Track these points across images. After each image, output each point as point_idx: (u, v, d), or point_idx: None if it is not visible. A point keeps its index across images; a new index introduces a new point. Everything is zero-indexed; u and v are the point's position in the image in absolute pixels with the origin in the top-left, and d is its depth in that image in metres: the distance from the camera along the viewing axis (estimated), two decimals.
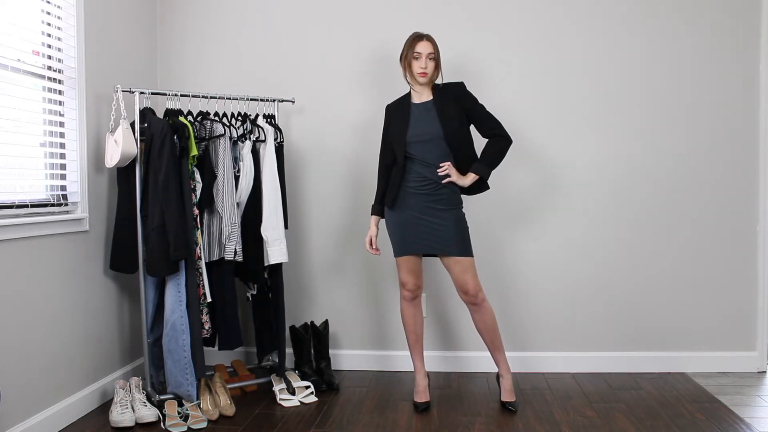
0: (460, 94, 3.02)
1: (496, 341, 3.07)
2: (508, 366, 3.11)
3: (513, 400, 3.06)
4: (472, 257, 3.00)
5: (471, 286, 2.97)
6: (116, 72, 3.29)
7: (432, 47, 2.98)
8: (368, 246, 3.16)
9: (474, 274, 2.99)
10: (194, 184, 3.08)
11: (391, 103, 3.18)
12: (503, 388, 3.09)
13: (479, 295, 2.99)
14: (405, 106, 3.07)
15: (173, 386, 3.04)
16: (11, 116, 2.64)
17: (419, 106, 3.03)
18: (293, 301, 3.73)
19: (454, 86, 3.05)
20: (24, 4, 2.72)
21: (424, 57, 2.96)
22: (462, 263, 2.97)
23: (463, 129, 3.00)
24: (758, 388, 3.35)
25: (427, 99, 3.03)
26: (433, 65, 2.98)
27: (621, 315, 3.65)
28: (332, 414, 3.03)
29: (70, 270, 2.92)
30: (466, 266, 2.97)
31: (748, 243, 3.61)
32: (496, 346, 3.08)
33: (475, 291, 2.98)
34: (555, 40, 3.62)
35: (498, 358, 3.10)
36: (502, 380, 3.11)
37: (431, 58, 2.97)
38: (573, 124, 3.63)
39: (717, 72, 3.58)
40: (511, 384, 3.09)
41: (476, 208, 3.59)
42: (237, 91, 3.46)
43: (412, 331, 3.14)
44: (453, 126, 2.95)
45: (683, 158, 3.61)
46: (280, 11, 3.73)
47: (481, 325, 3.05)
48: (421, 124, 2.99)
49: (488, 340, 3.07)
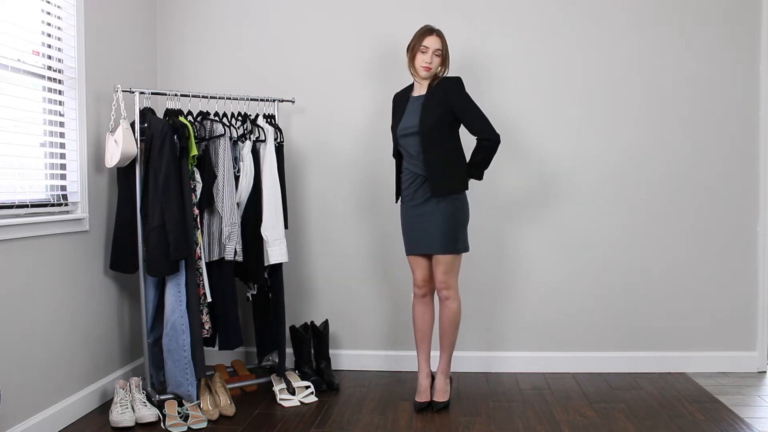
0: (451, 89, 2.99)
1: (446, 340, 3.09)
2: (447, 368, 3.11)
3: (443, 400, 3.06)
4: (454, 254, 2.98)
5: (438, 279, 3.00)
6: (116, 72, 3.29)
7: (440, 43, 2.98)
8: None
9: (447, 270, 2.98)
10: (194, 184, 3.08)
11: (398, 91, 3.20)
12: (434, 388, 3.09)
13: (444, 292, 3.02)
14: (405, 98, 3.09)
15: (173, 386, 3.04)
16: (11, 116, 2.64)
17: (414, 99, 3.05)
18: (293, 301, 3.73)
19: (449, 81, 3.03)
20: (24, 4, 2.72)
21: (430, 52, 2.95)
22: (439, 259, 2.98)
23: (440, 125, 2.95)
24: (758, 388, 3.35)
25: (423, 92, 3.03)
26: (438, 61, 2.98)
27: (621, 315, 3.64)
28: (332, 414, 3.02)
29: (70, 270, 2.92)
30: (442, 261, 2.98)
31: (748, 243, 3.61)
32: (445, 345, 3.10)
33: (441, 285, 3.01)
34: (555, 39, 3.62)
35: (441, 356, 3.11)
36: (436, 379, 3.11)
37: (437, 55, 2.97)
38: (572, 123, 3.63)
39: (717, 72, 3.58)
40: (443, 385, 3.08)
41: (477, 208, 3.59)
42: (237, 91, 3.46)
43: (419, 329, 3.14)
44: (430, 121, 2.93)
45: (683, 158, 3.61)
46: (280, 11, 3.73)
47: (440, 320, 3.09)
48: (409, 117, 3.00)
49: (441, 335, 3.10)
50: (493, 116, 3.57)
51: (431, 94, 3.00)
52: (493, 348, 3.69)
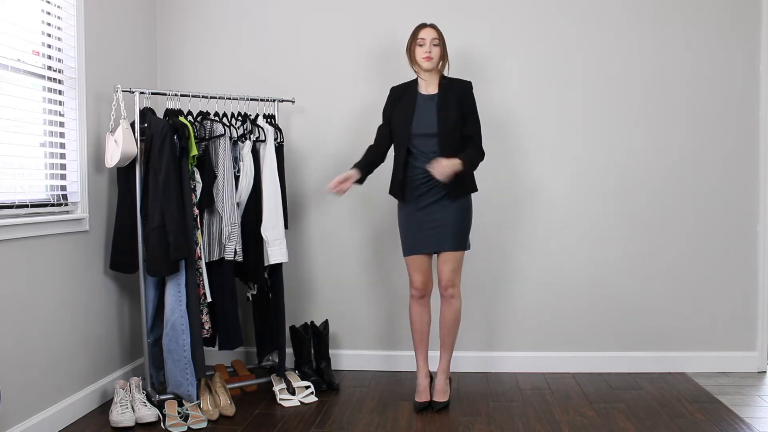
0: (464, 92, 3.04)
1: (447, 339, 3.11)
2: (447, 368, 3.12)
3: (443, 400, 3.07)
4: (463, 251, 3.03)
5: (445, 277, 3.02)
6: (116, 72, 3.29)
7: (436, 33, 3.01)
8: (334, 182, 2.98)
9: (455, 267, 3.02)
10: (194, 184, 3.08)
11: (397, 85, 3.16)
12: (435, 388, 3.10)
13: (449, 290, 3.04)
14: (411, 94, 3.06)
15: (173, 386, 3.04)
16: (11, 116, 2.63)
17: (425, 97, 3.04)
18: (293, 301, 3.73)
19: (461, 83, 3.06)
20: (24, 4, 2.72)
21: (428, 42, 2.98)
22: (448, 256, 3.01)
23: (456, 127, 2.99)
24: (758, 388, 3.35)
25: (433, 92, 3.04)
26: (438, 51, 3.00)
27: (621, 315, 3.64)
28: (332, 414, 3.03)
29: (70, 270, 2.92)
30: (450, 258, 3.01)
31: (748, 243, 3.61)
32: (446, 344, 3.12)
33: (448, 284, 3.03)
34: (554, 39, 3.62)
35: (442, 356, 3.12)
36: (435, 379, 3.12)
37: (435, 44, 2.99)
38: (573, 123, 3.63)
39: (717, 72, 3.58)
40: (443, 385, 3.09)
41: (478, 208, 3.59)
42: (237, 91, 3.46)
43: (417, 330, 3.14)
44: (448, 123, 2.96)
45: (683, 158, 3.61)
46: (280, 11, 3.73)
47: (441, 318, 3.10)
48: (425, 117, 2.99)
49: (442, 335, 3.12)
50: (493, 116, 3.60)
51: (444, 94, 3.01)
52: (493, 348, 3.69)
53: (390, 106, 3.12)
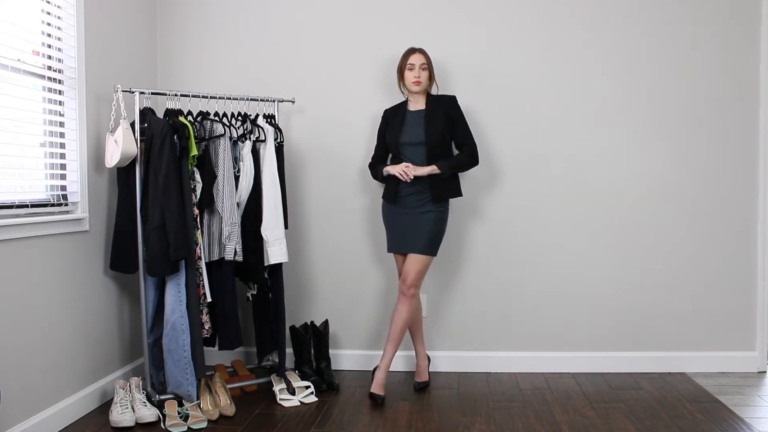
0: (450, 105, 3.27)
1: (396, 335, 3.22)
2: (389, 363, 3.23)
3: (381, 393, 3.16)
4: (432, 257, 3.22)
5: (411, 278, 3.18)
6: (116, 72, 3.29)
7: (424, 58, 3.23)
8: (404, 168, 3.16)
9: (420, 270, 3.19)
10: (194, 184, 3.08)
11: (388, 108, 3.40)
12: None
13: (411, 291, 3.20)
14: (402, 111, 3.32)
15: (173, 386, 3.04)
16: (11, 116, 2.63)
17: (414, 113, 3.28)
18: (293, 301, 3.73)
19: (446, 98, 3.31)
20: (24, 4, 2.72)
21: (417, 67, 3.21)
22: (418, 258, 3.18)
23: (444, 137, 3.23)
24: (758, 388, 3.35)
25: (421, 107, 3.28)
26: (426, 75, 3.23)
27: (621, 315, 3.64)
28: (332, 414, 3.03)
29: (70, 270, 2.92)
30: (419, 261, 3.18)
31: (748, 243, 3.61)
32: (394, 339, 3.23)
33: (411, 284, 3.19)
34: (555, 41, 3.62)
35: (387, 350, 3.23)
36: (377, 371, 3.24)
37: (424, 69, 3.22)
38: (572, 124, 3.63)
39: (717, 72, 3.58)
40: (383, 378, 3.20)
41: (478, 210, 3.60)
42: (237, 91, 3.46)
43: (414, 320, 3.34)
44: (435, 134, 3.19)
45: (683, 158, 3.61)
46: (280, 11, 3.73)
47: (396, 315, 3.23)
48: (413, 129, 3.23)
49: (393, 330, 3.23)
50: (493, 117, 3.59)
51: (431, 108, 3.25)
52: (493, 348, 3.69)
53: (384, 126, 3.37)
